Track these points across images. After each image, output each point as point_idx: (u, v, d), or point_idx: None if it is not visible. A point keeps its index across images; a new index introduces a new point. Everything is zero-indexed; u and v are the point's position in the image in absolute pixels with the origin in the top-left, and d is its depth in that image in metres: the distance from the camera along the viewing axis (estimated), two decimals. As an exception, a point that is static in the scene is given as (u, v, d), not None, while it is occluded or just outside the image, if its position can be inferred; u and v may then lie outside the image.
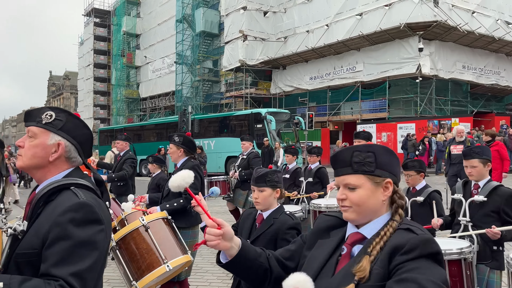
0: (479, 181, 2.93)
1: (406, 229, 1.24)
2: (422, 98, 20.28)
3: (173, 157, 3.69)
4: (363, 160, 1.30)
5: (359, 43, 21.55)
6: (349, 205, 1.30)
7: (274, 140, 17.50)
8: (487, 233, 2.62)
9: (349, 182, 1.31)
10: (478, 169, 2.91)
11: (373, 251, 1.21)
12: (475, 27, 19.72)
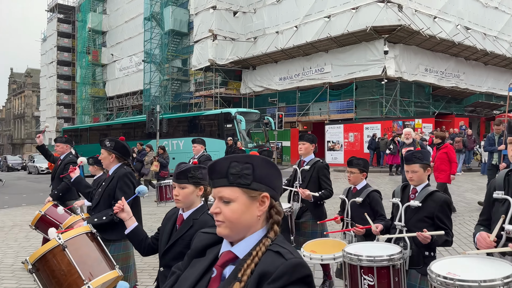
0: (418, 185, 2.92)
1: (276, 252, 1.17)
2: (387, 100, 20.91)
3: (105, 163, 3.46)
4: (239, 172, 1.22)
5: (327, 44, 21.95)
6: (222, 220, 1.22)
7: (244, 140, 17.56)
8: (418, 237, 2.62)
9: (224, 195, 1.22)
10: (419, 174, 2.89)
11: (244, 277, 1.14)
12: (436, 32, 20.53)
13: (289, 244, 1.24)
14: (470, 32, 22.92)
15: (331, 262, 3.24)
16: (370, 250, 2.72)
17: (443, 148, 7.89)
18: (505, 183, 2.19)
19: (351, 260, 2.67)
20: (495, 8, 25.08)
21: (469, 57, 23.94)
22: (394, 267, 2.59)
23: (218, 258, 1.28)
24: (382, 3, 19.32)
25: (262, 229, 1.25)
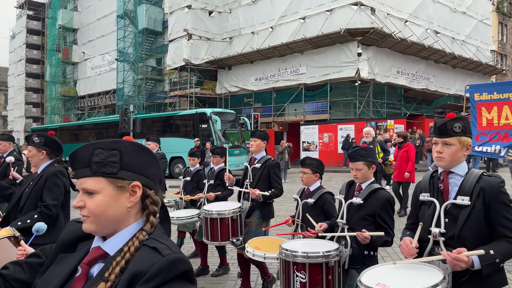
0: (363, 183, 2.89)
1: (153, 248, 1.07)
2: (361, 101, 21.30)
3: (34, 161, 3.11)
4: (104, 160, 1.10)
5: (302, 46, 22.15)
6: (87, 214, 1.10)
7: (219, 140, 17.48)
8: (358, 237, 2.57)
9: (86, 186, 1.11)
10: (363, 172, 2.87)
11: (111, 276, 1.03)
12: (407, 35, 21.07)
13: (167, 238, 1.14)
14: (439, 36, 23.65)
15: (274, 262, 3.10)
16: (307, 247, 2.67)
17: (405, 147, 8.18)
18: (430, 185, 2.17)
19: (286, 256, 2.61)
20: (463, 13, 25.99)
21: (439, 60, 24.68)
22: (328, 264, 2.53)
23: None
24: (356, 6, 19.66)
25: (137, 222, 1.15)
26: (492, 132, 8.19)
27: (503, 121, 8.05)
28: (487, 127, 8.29)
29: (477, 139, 8.33)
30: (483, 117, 8.34)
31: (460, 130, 2.05)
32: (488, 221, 1.96)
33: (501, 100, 8.09)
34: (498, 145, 8.02)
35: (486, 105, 8.31)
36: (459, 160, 2.09)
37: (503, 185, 2.00)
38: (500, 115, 8.08)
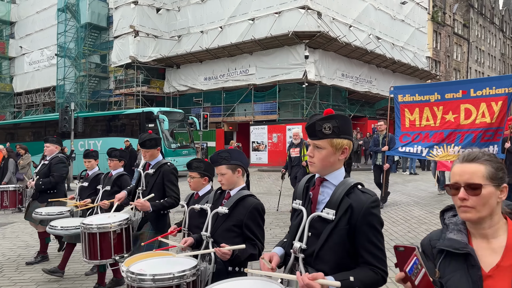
0: (232, 189, 2.57)
1: None
2: (308, 102, 21.88)
3: None
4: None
5: (252, 47, 22.33)
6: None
7: (167, 140, 17.15)
8: (216, 253, 2.30)
9: None
10: (227, 177, 2.53)
11: None
12: (352, 40, 21.98)
13: None
14: (381, 41, 24.91)
15: None
16: (160, 267, 2.32)
17: None
18: (303, 192, 1.91)
19: (132, 281, 2.23)
20: (401, 21, 27.56)
21: (380, 64, 25.98)
22: (180, 287, 2.23)
23: None
24: (303, 10, 20.17)
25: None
26: (415, 133, 8.38)
27: (424, 122, 8.29)
28: (410, 128, 8.46)
29: (401, 139, 8.51)
30: (406, 118, 8.51)
31: (331, 132, 1.74)
32: (353, 244, 1.70)
33: (422, 102, 8.32)
34: (420, 145, 8.23)
35: (409, 106, 8.50)
36: (333, 166, 1.79)
37: (374, 205, 1.71)
38: (421, 116, 8.31)
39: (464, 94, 7.78)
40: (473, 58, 48.63)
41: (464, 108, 7.78)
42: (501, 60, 58.46)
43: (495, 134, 7.54)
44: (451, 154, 7.86)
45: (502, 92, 7.42)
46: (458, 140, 7.81)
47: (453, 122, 7.89)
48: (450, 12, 42.93)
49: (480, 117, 7.59)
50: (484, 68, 52.09)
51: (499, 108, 7.43)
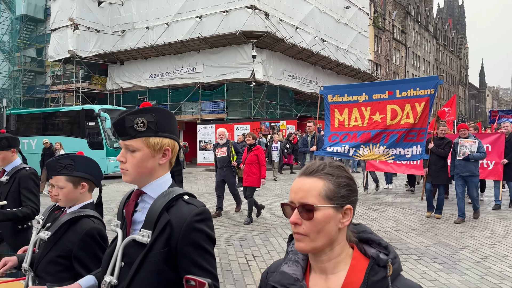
0: (71, 208, 1.99)
1: None
2: (256, 102, 22.01)
3: None
4: None
5: (199, 45, 22.04)
6: None
7: (109, 139, 16.44)
8: None
9: None
10: (66, 192, 1.95)
11: None
12: (298, 41, 22.42)
13: None
14: (326, 44, 25.65)
15: None
16: None
17: (255, 150, 7.51)
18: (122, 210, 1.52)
19: None
20: (345, 25, 28.59)
21: (325, 66, 26.76)
22: None
23: None
24: (250, 10, 20.24)
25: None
26: (343, 133, 8.42)
27: (352, 122, 8.34)
28: (339, 128, 8.48)
29: (330, 139, 8.48)
30: (336, 119, 8.51)
31: (145, 128, 1.36)
32: (176, 270, 1.33)
33: (351, 102, 8.38)
34: (347, 145, 8.26)
35: (338, 106, 8.52)
36: (152, 174, 1.39)
37: (199, 218, 1.33)
38: (350, 116, 8.36)
39: (391, 95, 7.93)
40: (410, 62, 51.67)
41: (390, 109, 7.90)
42: (434, 65, 62.66)
43: (417, 134, 7.67)
44: (376, 154, 7.98)
45: (425, 93, 7.59)
46: (383, 140, 7.94)
47: (380, 122, 8.00)
48: (390, 18, 45.28)
49: (405, 118, 7.73)
50: (420, 72, 55.53)
51: (422, 109, 7.59)
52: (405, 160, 8.18)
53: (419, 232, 6.48)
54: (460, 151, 7.04)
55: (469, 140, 7.01)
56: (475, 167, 7.02)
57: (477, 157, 6.95)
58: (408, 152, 7.77)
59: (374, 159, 8.29)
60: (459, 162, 7.07)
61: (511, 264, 4.94)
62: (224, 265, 4.95)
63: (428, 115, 7.65)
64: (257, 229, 6.80)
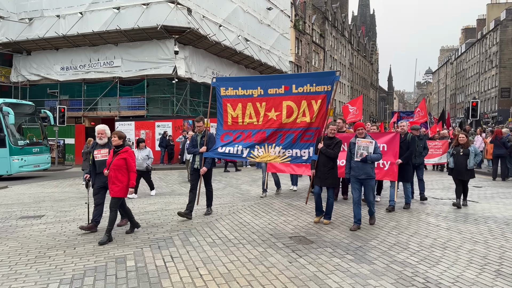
0: None
1: None
2: (178, 99, 21.51)
3: None
4: None
5: (117, 37, 20.92)
6: None
7: (13, 136, 14.87)
8: None
9: None
10: None
11: None
12: (221, 39, 22.37)
13: None
14: (249, 43, 25.96)
15: None
16: None
17: (122, 152, 5.99)
18: None
19: None
20: (268, 26, 29.21)
21: (249, 65, 27.08)
22: None
23: None
24: (173, 4, 19.70)
25: None
26: (237, 132, 7.58)
27: (247, 119, 7.53)
28: (233, 125, 7.62)
29: (222, 139, 7.61)
30: (229, 115, 7.63)
31: None
32: None
33: (245, 96, 7.52)
34: (240, 145, 7.47)
35: (231, 101, 7.60)
36: None
37: None
38: (244, 113, 7.52)
39: (287, 90, 7.24)
40: (328, 65, 54.51)
41: (286, 105, 7.24)
42: (350, 69, 66.89)
43: (315, 134, 7.11)
44: (271, 155, 7.30)
45: (321, 90, 7.00)
46: (279, 140, 7.29)
47: (275, 120, 7.32)
48: (310, 22, 47.29)
49: (301, 116, 7.14)
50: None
51: (319, 107, 7.01)
52: (302, 162, 7.38)
53: (334, 226, 6.81)
54: (357, 152, 6.54)
55: (366, 140, 6.55)
56: (372, 169, 6.59)
57: (374, 159, 6.54)
58: (305, 153, 7.16)
59: (269, 160, 7.54)
60: (356, 164, 6.56)
61: (412, 252, 5.40)
62: (140, 269, 4.71)
63: (326, 114, 7.05)
64: (177, 229, 6.61)
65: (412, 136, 8.28)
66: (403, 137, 8.27)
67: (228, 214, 7.85)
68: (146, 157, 10.04)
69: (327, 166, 6.80)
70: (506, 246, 5.64)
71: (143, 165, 9.90)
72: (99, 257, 5.15)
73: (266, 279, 4.39)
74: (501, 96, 57.47)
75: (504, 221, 7.23)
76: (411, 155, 8.22)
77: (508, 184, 12.59)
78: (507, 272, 4.60)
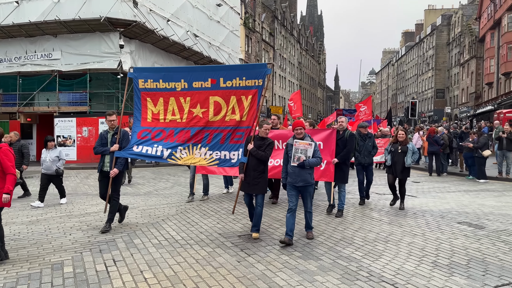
0: None
1: None
2: (124, 94, 20.65)
3: None
4: None
5: (56, 28, 19.67)
6: None
7: None
8: None
9: None
10: None
11: None
12: (169, 34, 21.80)
13: None
14: (198, 39, 25.55)
15: None
16: None
17: None
18: None
19: None
20: (217, 22, 28.93)
21: (198, 61, 26.64)
22: None
23: None
24: (118, -5, 18.85)
25: None
26: (157, 129, 6.75)
27: (169, 116, 6.71)
28: (153, 123, 6.77)
29: (139, 136, 6.75)
30: (149, 110, 6.78)
31: None
32: None
33: (167, 90, 6.67)
34: (161, 145, 6.64)
35: (152, 95, 6.72)
36: None
37: None
38: (166, 109, 6.72)
39: (214, 84, 6.49)
40: (278, 64, 55.20)
41: (214, 101, 6.52)
42: (298, 68, 68.24)
43: (245, 134, 6.43)
44: (197, 157, 6.56)
45: (252, 84, 6.32)
46: (205, 140, 6.58)
47: (201, 118, 6.58)
48: (259, 20, 47.57)
49: (230, 114, 6.46)
50: (286, 73, 59.78)
51: (249, 104, 6.35)
52: (232, 166, 6.67)
53: (283, 223, 6.85)
54: (294, 156, 5.66)
55: (305, 142, 5.68)
56: (311, 175, 5.76)
57: (313, 164, 5.67)
58: (235, 155, 6.46)
59: (194, 163, 6.76)
60: (293, 170, 5.67)
61: (357, 246, 5.57)
62: (78, 275, 4.42)
63: (257, 111, 6.37)
64: (120, 231, 6.32)
65: (351, 133, 7.54)
66: (341, 134, 7.51)
67: (175, 214, 7.65)
68: (56, 158, 8.68)
69: (257, 170, 5.94)
70: (441, 238, 5.99)
71: (52, 168, 8.63)
72: (33, 264, 4.78)
73: (214, 280, 4.30)
74: (437, 96, 61.57)
75: (439, 214, 7.69)
76: (348, 154, 7.43)
77: (443, 179, 13.46)
78: (443, 263, 4.87)
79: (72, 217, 7.35)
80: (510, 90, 35.50)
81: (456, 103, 54.87)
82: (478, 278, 4.38)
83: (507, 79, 37.57)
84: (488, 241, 5.83)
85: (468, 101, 49.63)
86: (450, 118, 49.46)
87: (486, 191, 10.68)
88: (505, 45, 36.90)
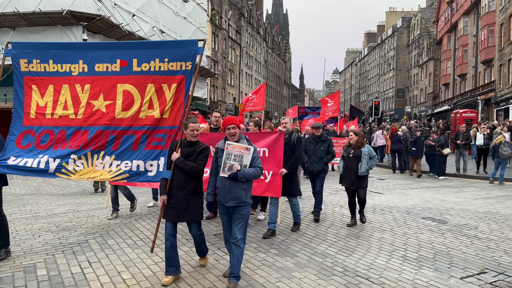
0: None
1: None
2: None
3: None
4: None
5: (14, 21, 18.74)
6: None
7: None
8: None
9: None
10: None
11: None
12: (135, 29, 21.31)
13: None
14: (165, 35, 25.14)
15: None
16: None
17: None
18: None
19: None
20: (184, 18, 28.57)
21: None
22: None
23: None
24: (81, -12, 18.20)
25: None
26: (43, 130, 4.96)
27: (60, 110, 4.94)
28: (37, 119, 4.98)
29: (20, 143, 4.92)
30: (33, 102, 5.00)
31: None
32: None
33: (60, 74, 4.95)
34: (46, 154, 4.83)
35: (39, 81, 5.00)
36: None
37: None
38: (57, 99, 4.94)
39: (124, 67, 4.82)
40: (244, 61, 55.27)
41: (123, 91, 4.82)
42: (265, 66, 68.61)
43: (168, 137, 4.78)
44: (98, 169, 4.85)
45: (177, 68, 4.68)
46: (111, 146, 4.85)
47: (105, 113, 4.86)
48: (226, 18, 47.39)
49: (146, 108, 4.80)
50: (252, 71, 59.96)
51: (172, 96, 4.72)
52: (148, 181, 4.90)
53: (256, 221, 6.94)
54: (225, 164, 4.03)
55: (240, 146, 4.06)
56: (246, 192, 4.09)
57: (249, 176, 4.04)
58: (152, 167, 4.83)
59: (93, 178, 4.93)
60: (223, 182, 4.07)
61: (331, 243, 5.75)
62: (53, 278, 4.31)
63: (184, 106, 4.70)
64: (92, 232, 6.18)
65: (298, 136, 6.21)
66: (287, 137, 6.10)
67: (148, 214, 7.56)
68: None
69: (186, 189, 4.16)
70: (408, 233, 6.30)
71: None
72: (3, 268, 4.60)
73: (193, 279, 4.32)
74: (397, 96, 63.94)
75: (405, 210, 8.07)
76: (297, 161, 6.07)
77: (406, 176, 14.06)
78: (412, 257, 5.14)
79: (39, 218, 7.10)
80: (465, 91, 37.50)
81: (415, 103, 57.26)
82: (445, 271, 4.66)
83: (462, 80, 39.65)
84: (451, 235, 6.19)
85: (426, 100, 51.92)
86: (410, 117, 51.55)
87: (446, 188, 11.27)
88: (460, 47, 38.89)
